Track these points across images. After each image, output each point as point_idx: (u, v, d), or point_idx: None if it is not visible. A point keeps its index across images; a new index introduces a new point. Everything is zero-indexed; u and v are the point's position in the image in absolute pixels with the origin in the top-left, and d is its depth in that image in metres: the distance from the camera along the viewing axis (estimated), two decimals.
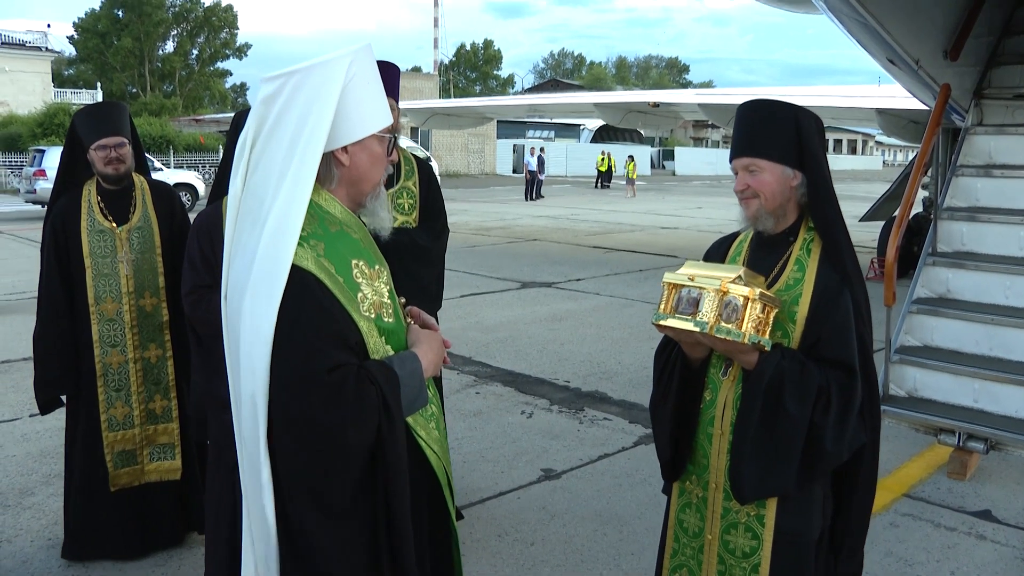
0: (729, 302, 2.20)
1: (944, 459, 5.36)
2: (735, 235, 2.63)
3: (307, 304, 1.82)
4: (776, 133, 2.34)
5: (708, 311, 2.21)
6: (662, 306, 2.32)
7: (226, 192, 3.53)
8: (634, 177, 37.33)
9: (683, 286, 2.29)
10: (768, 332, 2.25)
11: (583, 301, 11.05)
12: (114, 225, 4.01)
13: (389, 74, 3.66)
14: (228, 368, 1.96)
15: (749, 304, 2.19)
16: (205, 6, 68.49)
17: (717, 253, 2.63)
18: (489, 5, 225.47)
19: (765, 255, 2.45)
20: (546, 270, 13.57)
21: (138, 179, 4.14)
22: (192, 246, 3.45)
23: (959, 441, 5.13)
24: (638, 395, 6.90)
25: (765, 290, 2.27)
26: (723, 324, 2.20)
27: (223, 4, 69.48)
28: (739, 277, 2.23)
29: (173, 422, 4.15)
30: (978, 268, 5.61)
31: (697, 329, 2.21)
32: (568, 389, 7.09)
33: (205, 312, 3.36)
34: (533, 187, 32.48)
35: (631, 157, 39.53)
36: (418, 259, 3.96)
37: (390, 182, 3.95)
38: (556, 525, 4.51)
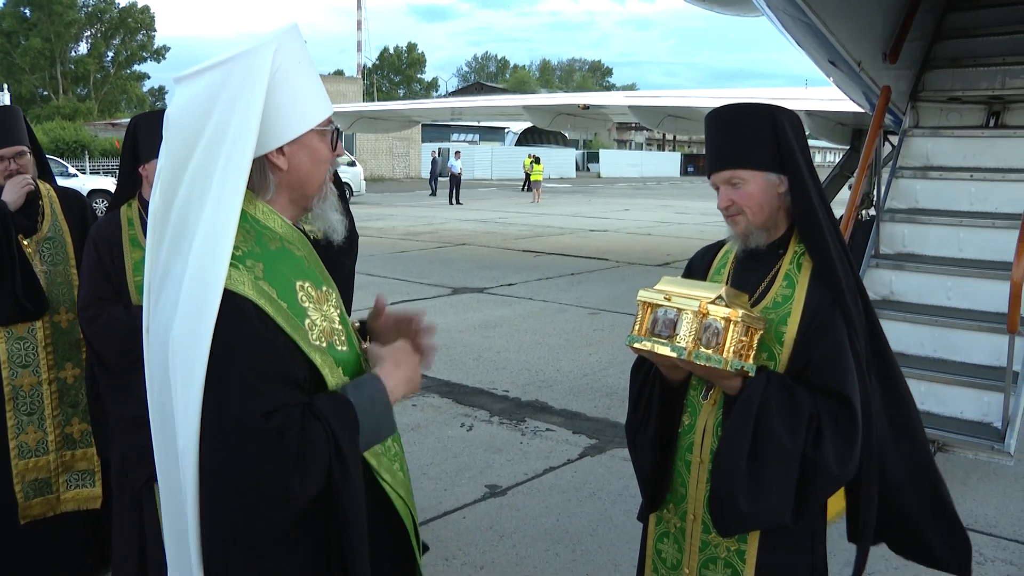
0: (709, 325, 2.01)
1: None
2: (720, 244, 2.41)
3: (242, 336, 1.56)
4: (753, 137, 2.14)
5: (686, 334, 2.02)
6: (636, 327, 2.12)
7: (125, 200, 3.33)
8: (539, 180, 34.80)
9: (659, 305, 2.09)
10: (752, 356, 2.05)
11: (517, 307, 10.88)
12: (22, 236, 3.67)
13: None
14: (151, 412, 1.70)
15: (731, 327, 2.00)
16: (120, 7, 66.35)
17: (701, 264, 2.42)
18: (412, 8, 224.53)
19: (752, 268, 2.24)
20: (477, 275, 13.37)
21: (43, 187, 3.80)
22: (90, 256, 3.25)
23: None
24: (579, 404, 6.75)
25: (749, 310, 2.07)
26: (703, 349, 2.01)
27: (139, 5, 67.55)
28: (720, 297, 2.03)
29: (93, 447, 3.83)
30: (920, 270, 5.61)
31: (674, 354, 2.02)
32: (507, 399, 6.90)
33: (103, 327, 3.18)
34: (457, 190, 32.14)
35: (536, 158, 36.48)
36: (335, 273, 3.73)
37: None
38: (505, 546, 4.31)
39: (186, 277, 1.58)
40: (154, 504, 3.19)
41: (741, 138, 2.17)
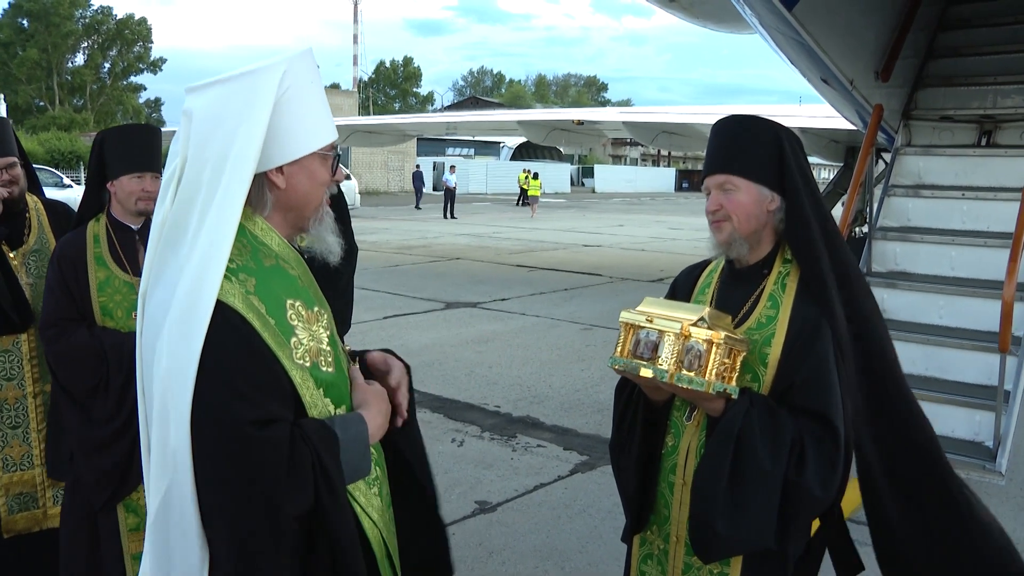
0: (691, 347, 2.00)
1: None
2: (705, 264, 2.40)
3: (229, 346, 1.58)
4: (755, 150, 2.13)
5: (668, 357, 2.00)
6: (619, 349, 2.10)
7: (92, 217, 3.30)
8: (536, 195, 34.96)
9: (641, 327, 2.08)
10: (735, 378, 2.04)
11: (509, 322, 10.86)
12: (8, 248, 3.64)
13: None
14: (140, 413, 1.71)
15: (713, 349, 1.98)
16: (118, 19, 66.54)
17: (685, 283, 2.40)
18: (408, 23, 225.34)
19: (736, 288, 2.23)
20: (470, 290, 13.35)
21: (31, 199, 3.78)
22: (54, 275, 3.19)
23: None
24: (571, 420, 6.73)
25: (732, 332, 2.06)
26: (684, 372, 1.99)
27: (136, 17, 67.73)
28: (702, 319, 2.02)
29: None
30: (912, 288, 5.62)
31: (656, 377, 2.01)
32: (499, 414, 6.87)
33: (64, 348, 3.12)
34: (451, 204, 32.13)
35: (534, 173, 36.80)
36: (330, 282, 3.72)
37: None
38: (495, 563, 4.28)
39: (180, 285, 1.60)
40: (109, 525, 3.16)
41: (743, 147, 2.16)
